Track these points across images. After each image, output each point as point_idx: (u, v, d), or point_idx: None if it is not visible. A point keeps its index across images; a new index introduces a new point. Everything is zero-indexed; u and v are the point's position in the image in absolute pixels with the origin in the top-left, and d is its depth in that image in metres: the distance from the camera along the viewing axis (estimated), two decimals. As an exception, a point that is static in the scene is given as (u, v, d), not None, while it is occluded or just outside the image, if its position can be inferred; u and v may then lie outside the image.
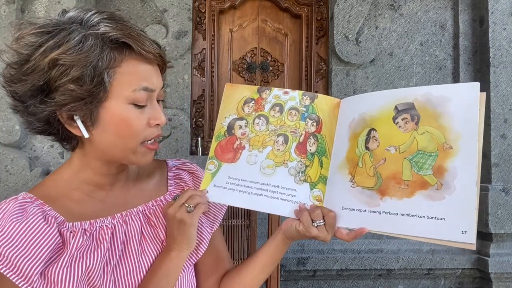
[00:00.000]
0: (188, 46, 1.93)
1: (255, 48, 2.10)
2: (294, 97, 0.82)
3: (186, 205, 0.73)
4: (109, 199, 0.76)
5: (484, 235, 1.91)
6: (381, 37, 2.03)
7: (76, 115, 0.66)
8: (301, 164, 0.78)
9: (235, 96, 0.85)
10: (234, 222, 1.20)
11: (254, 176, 0.78)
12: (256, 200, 0.77)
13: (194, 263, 0.81)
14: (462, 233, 0.62)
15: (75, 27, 0.64)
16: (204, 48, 2.04)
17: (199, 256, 0.80)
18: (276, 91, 0.84)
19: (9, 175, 1.62)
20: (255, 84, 2.09)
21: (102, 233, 0.72)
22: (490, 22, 1.93)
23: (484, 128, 2.00)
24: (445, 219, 0.64)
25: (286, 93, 0.83)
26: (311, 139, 0.79)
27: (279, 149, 0.79)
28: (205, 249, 0.81)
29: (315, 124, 0.80)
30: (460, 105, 0.66)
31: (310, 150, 0.79)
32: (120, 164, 0.75)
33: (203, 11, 2.04)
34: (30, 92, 0.64)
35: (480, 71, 2.00)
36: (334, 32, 1.97)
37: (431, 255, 1.89)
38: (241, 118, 0.83)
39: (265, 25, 2.11)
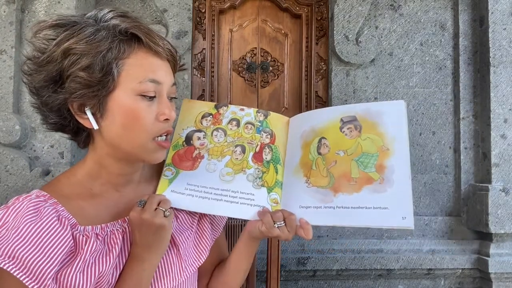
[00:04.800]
0: (188, 46, 1.93)
1: (255, 48, 2.10)
2: (249, 113, 0.89)
3: (162, 209, 0.71)
4: (122, 200, 0.75)
5: (484, 235, 1.91)
6: (381, 37, 2.03)
7: (86, 106, 0.67)
8: (258, 171, 0.83)
9: (193, 111, 0.89)
10: (233, 222, 1.20)
11: (214, 183, 0.81)
12: (217, 205, 0.79)
13: (196, 269, 0.81)
14: (403, 219, 0.74)
15: (89, 22, 0.68)
16: (204, 48, 2.04)
17: (201, 263, 0.81)
18: (233, 107, 0.90)
19: (9, 175, 1.62)
20: (254, 85, 2.09)
21: (114, 238, 0.71)
22: (490, 22, 1.93)
23: (484, 128, 2.01)
24: (388, 208, 0.75)
25: (242, 109, 0.90)
26: (266, 149, 0.86)
27: (237, 158, 0.84)
28: (206, 257, 0.82)
29: (269, 136, 0.87)
30: (391, 116, 0.82)
31: (266, 158, 0.85)
32: (133, 163, 0.74)
33: (203, 11, 2.04)
34: (45, 83, 0.67)
35: (480, 71, 2.00)
36: (334, 32, 1.97)
37: (431, 255, 1.89)
38: (199, 130, 0.87)
39: (265, 25, 2.11)
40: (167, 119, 0.71)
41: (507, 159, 1.91)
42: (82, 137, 0.73)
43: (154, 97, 0.70)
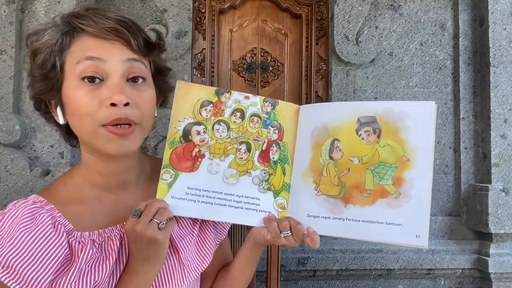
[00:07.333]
0: (188, 46, 1.93)
1: (255, 48, 2.10)
2: (255, 103, 0.79)
3: (157, 221, 0.67)
4: (120, 204, 0.73)
5: (484, 235, 1.91)
6: (381, 37, 2.03)
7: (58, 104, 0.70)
8: (264, 173, 0.77)
9: (190, 98, 0.78)
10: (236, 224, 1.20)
11: (217, 186, 0.75)
12: (221, 211, 0.75)
13: (198, 275, 0.79)
14: (416, 237, 0.69)
15: (54, 23, 0.69)
16: (204, 48, 2.04)
17: (204, 269, 0.79)
18: (236, 95, 0.79)
19: (9, 175, 1.62)
20: (255, 85, 2.09)
21: (111, 244, 0.69)
22: (490, 22, 1.93)
23: (484, 128, 2.01)
24: (402, 224, 0.70)
25: (247, 98, 0.80)
26: (273, 147, 0.78)
27: (242, 158, 0.77)
28: (209, 262, 0.79)
29: (277, 131, 0.79)
30: (417, 121, 0.72)
31: (273, 158, 0.78)
32: (112, 160, 0.70)
33: (203, 11, 2.04)
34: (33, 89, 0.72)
35: (480, 71, 2.00)
36: (334, 32, 1.97)
37: (431, 255, 1.89)
38: (198, 123, 0.77)
39: (265, 25, 2.11)
40: (113, 104, 0.63)
41: (507, 159, 1.91)
42: (63, 133, 0.75)
43: (99, 79, 0.64)
